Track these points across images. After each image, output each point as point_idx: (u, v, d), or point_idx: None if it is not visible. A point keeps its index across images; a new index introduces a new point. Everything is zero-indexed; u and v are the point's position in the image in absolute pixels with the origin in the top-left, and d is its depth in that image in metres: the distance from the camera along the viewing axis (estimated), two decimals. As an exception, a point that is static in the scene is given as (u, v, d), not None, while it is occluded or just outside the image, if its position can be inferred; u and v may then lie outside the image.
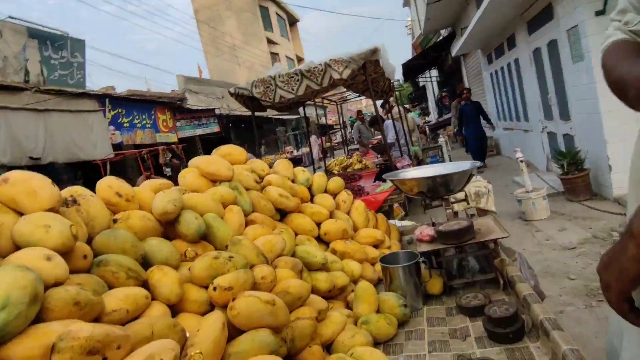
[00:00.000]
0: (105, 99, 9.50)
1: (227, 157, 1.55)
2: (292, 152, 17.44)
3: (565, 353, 0.84)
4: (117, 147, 9.77)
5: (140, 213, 1.07)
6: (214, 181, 1.41)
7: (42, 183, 0.84)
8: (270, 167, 1.69)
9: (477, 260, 1.51)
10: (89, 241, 0.94)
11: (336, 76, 3.42)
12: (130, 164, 11.40)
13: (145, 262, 1.00)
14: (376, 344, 1.16)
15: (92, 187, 1.24)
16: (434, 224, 1.52)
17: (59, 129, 7.71)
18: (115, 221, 1.03)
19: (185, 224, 1.09)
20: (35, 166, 7.88)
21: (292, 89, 3.46)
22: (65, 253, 0.79)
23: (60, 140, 7.74)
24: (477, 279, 1.36)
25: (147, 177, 7.12)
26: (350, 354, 1.03)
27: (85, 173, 10.08)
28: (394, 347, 1.15)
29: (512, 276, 1.24)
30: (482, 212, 3.78)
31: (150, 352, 0.65)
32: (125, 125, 10.33)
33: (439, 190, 1.58)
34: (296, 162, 17.62)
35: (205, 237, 1.15)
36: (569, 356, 0.82)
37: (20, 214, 0.83)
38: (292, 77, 3.45)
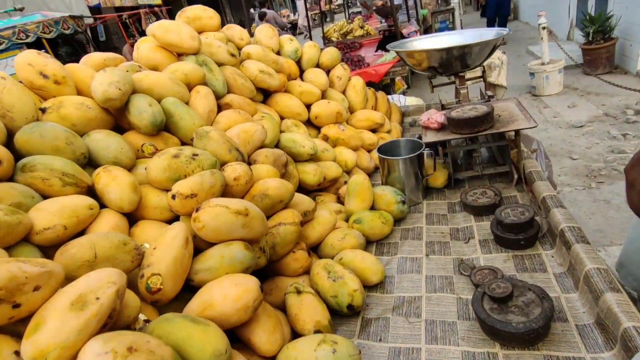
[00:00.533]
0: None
1: (194, 22, 1.23)
2: (288, 15, 15.80)
3: (589, 272, 0.72)
4: (95, 10, 8.71)
5: (76, 99, 0.84)
6: (180, 54, 1.14)
7: None
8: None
9: (489, 151, 1.33)
10: (9, 140, 0.74)
11: None
12: (114, 31, 10.36)
13: (91, 163, 0.81)
14: (369, 242, 1.06)
15: (77, 60, 0.97)
16: (443, 107, 1.30)
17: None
18: (43, 111, 0.81)
19: (137, 113, 0.87)
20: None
21: None
22: (-39, 161, 0.60)
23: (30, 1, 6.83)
24: (487, 172, 1.20)
25: (132, 45, 6.49)
26: (340, 258, 0.93)
27: (66, 42, 9.21)
28: (388, 246, 1.05)
29: (530, 172, 1.08)
30: (491, 86, 3.48)
31: (80, 292, 0.51)
32: (100, -17, 9.04)
33: (453, 65, 1.31)
34: (293, 27, 16.17)
35: (166, 127, 0.94)
36: (594, 277, 0.70)
37: None
38: None
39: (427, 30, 7.14)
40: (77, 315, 0.49)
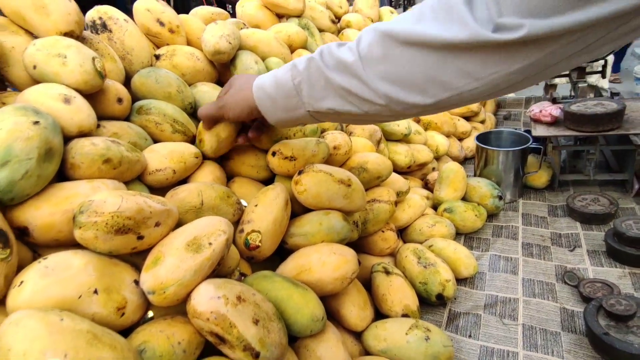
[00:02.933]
0: None
1: (297, -15, 1.20)
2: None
3: None
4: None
5: (187, 49, 0.84)
6: (280, 16, 1.12)
7: (54, -6, 0.62)
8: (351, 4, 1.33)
9: (601, 155, 1.19)
10: (127, 81, 0.76)
11: None
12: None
13: (193, 114, 0.82)
14: (457, 234, 0.99)
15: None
16: (554, 101, 1.17)
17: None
18: (157, 57, 0.82)
19: (243, 69, 0.86)
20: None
21: None
22: (92, 94, 0.62)
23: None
24: (600, 177, 1.07)
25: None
26: (429, 245, 0.88)
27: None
28: (479, 241, 0.98)
29: (658, 182, 0.94)
30: (590, 88, 3.15)
31: (195, 235, 0.51)
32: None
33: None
34: None
35: (267, 88, 0.92)
36: None
37: (35, 37, 0.64)
38: None
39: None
40: (193, 257, 0.48)
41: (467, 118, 1.39)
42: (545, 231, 0.97)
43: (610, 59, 3.13)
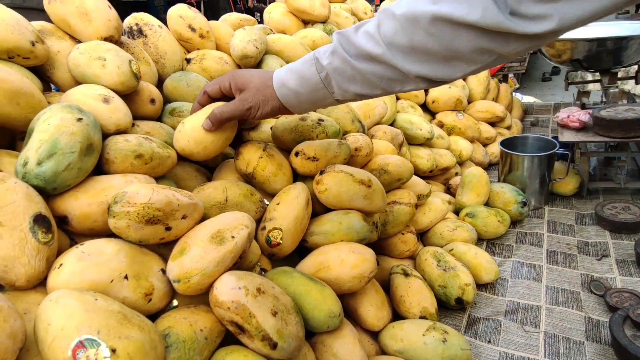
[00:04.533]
0: None
1: (323, -9, 1.23)
2: None
3: None
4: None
5: (216, 54, 0.88)
6: (306, 22, 1.15)
7: (96, 3, 0.67)
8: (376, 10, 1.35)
9: (633, 162, 1.15)
10: (159, 83, 0.80)
11: None
12: (223, 6, 11.07)
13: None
14: (479, 239, 0.98)
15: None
16: (583, 107, 1.14)
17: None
18: (188, 61, 0.86)
19: (269, 73, 0.89)
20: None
21: None
22: (127, 95, 0.66)
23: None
24: (631, 185, 1.04)
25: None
26: (450, 249, 0.87)
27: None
28: (501, 247, 0.97)
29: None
30: (624, 95, 3.03)
31: (219, 228, 0.53)
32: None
33: (603, 60, 1.14)
34: None
35: (291, 91, 0.95)
36: None
37: (79, 41, 0.69)
38: None
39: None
40: (217, 249, 0.51)
41: (493, 124, 1.37)
42: (571, 239, 0.95)
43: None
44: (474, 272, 0.82)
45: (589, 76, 1.65)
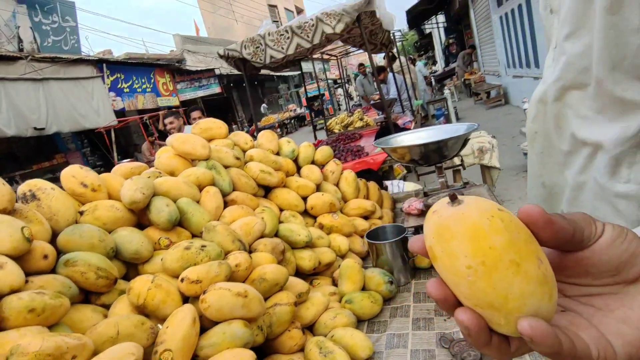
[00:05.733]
0: (102, 64, 9.32)
1: (205, 132, 1.48)
2: (295, 109, 17.11)
3: None
4: (120, 113, 9.72)
5: (108, 203, 1.03)
6: (193, 160, 1.36)
7: (-10, 182, 0.80)
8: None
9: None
10: (55, 237, 0.91)
11: (329, 30, 3.23)
12: (135, 130, 11.39)
13: (116, 255, 0.97)
14: (360, 321, 1.15)
15: (101, 155, 1.19)
16: (425, 194, 1.47)
17: (59, 97, 7.65)
18: (82, 213, 0.99)
19: (156, 212, 1.05)
20: (42, 136, 7.88)
21: (282, 48, 3.29)
22: (20, 257, 0.76)
23: (62, 109, 7.70)
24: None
25: (151, 143, 7.10)
26: (331, 336, 1.02)
27: (90, 141, 10.12)
28: (378, 324, 1.14)
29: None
30: (486, 168, 3.70)
31: (106, 361, 0.63)
32: (125, 90, 10.21)
33: (431, 157, 1.51)
34: (300, 119, 17.29)
35: (180, 223, 1.11)
36: None
37: (-27, 217, 0.80)
38: (282, 34, 3.26)
39: (425, 117, 7.69)
40: (104, 381, 0.60)
41: (366, 217, 1.64)
42: (431, 305, 1.16)
43: (495, 143, 3.65)
44: (351, 352, 0.97)
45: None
